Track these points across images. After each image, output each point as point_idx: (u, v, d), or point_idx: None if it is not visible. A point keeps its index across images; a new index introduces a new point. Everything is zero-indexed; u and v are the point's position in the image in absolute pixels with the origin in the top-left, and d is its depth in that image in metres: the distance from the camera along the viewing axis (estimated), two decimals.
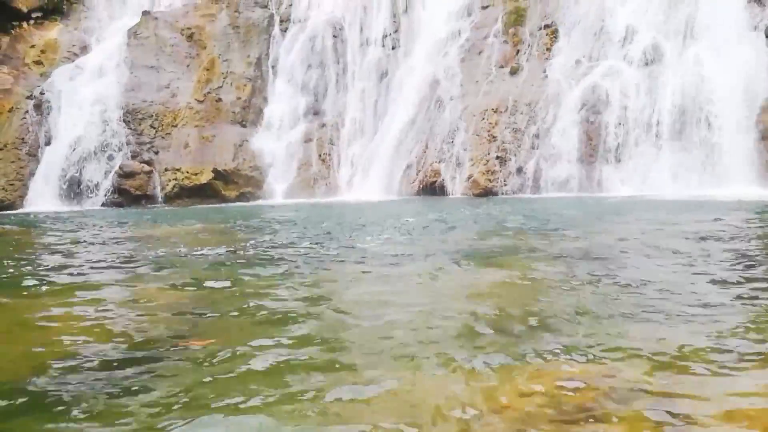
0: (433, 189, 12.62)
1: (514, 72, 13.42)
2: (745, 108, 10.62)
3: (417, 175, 13.01)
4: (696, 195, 9.46)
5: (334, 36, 15.25)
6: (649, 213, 6.94)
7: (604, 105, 11.68)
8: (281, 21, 15.95)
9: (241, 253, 4.40)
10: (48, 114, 13.33)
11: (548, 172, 11.73)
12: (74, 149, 12.88)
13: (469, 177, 12.36)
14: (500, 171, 12.18)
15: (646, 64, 11.88)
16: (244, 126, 14.31)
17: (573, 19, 13.32)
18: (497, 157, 12.32)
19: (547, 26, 13.64)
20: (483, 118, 12.91)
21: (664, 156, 10.96)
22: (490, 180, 12.14)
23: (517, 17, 14.14)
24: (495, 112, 12.86)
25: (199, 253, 4.44)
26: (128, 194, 12.75)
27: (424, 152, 13.20)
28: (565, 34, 13.31)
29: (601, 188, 11.29)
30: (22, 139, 13.20)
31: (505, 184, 12.04)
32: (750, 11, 11.45)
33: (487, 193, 12.02)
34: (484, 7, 15.13)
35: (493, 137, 12.56)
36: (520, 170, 12.06)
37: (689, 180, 10.55)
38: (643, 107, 11.37)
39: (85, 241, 5.66)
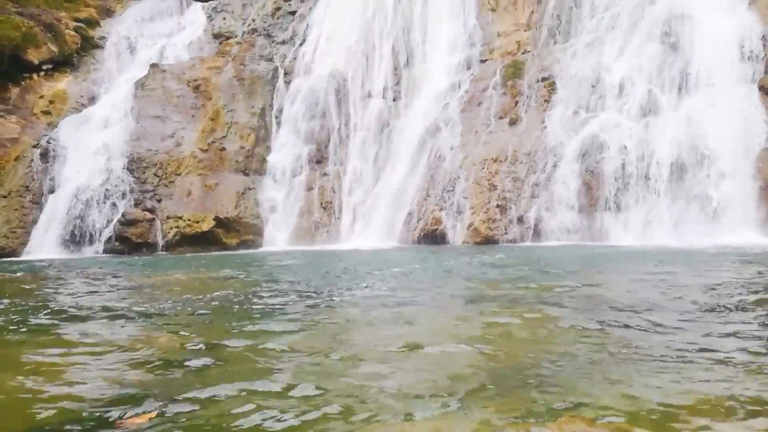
0: (434, 237, 12.62)
1: (513, 123, 13.66)
2: (743, 158, 10.75)
3: (418, 223, 13.04)
4: (697, 244, 9.45)
5: (337, 88, 15.62)
6: (650, 263, 6.92)
7: (602, 155, 11.82)
8: (285, 73, 16.39)
9: (241, 300, 4.36)
10: (53, 162, 13.52)
11: (549, 221, 11.76)
12: (78, 197, 12.99)
13: (470, 225, 12.37)
14: (501, 219, 12.21)
15: (643, 115, 12.11)
16: (247, 174, 14.46)
17: (569, 73, 13.67)
18: (498, 206, 12.37)
19: (544, 79, 13.98)
20: (483, 167, 13.05)
21: (664, 205, 11.01)
22: (490, 228, 12.16)
23: (515, 70, 14.52)
24: (495, 161, 13.01)
25: (198, 301, 4.40)
26: (129, 242, 12.76)
27: (425, 200, 13.27)
28: (562, 87, 13.63)
29: (602, 237, 11.29)
30: (27, 187, 13.33)
31: (506, 233, 12.04)
32: (742, 65, 11.76)
33: (488, 241, 12.01)
34: (483, 61, 15.57)
35: (494, 186, 12.66)
36: (520, 219, 12.09)
37: (690, 229, 10.56)
38: (641, 158, 11.51)
39: (80, 290, 5.62)
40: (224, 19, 18.61)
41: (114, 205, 13.07)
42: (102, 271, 7.78)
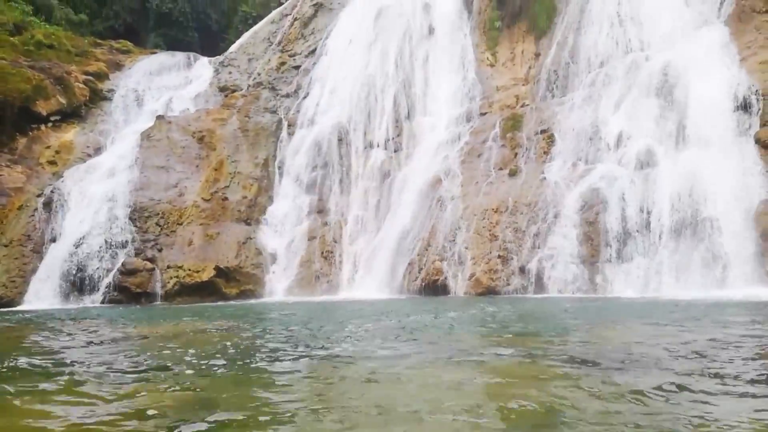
0: (435, 287, 12.53)
1: (513, 174, 13.80)
2: (743, 210, 10.79)
3: (419, 273, 12.98)
4: (699, 296, 9.37)
5: (339, 139, 15.88)
6: (654, 315, 6.84)
7: (603, 207, 11.89)
8: (289, 125, 16.71)
9: (235, 355, 4.29)
10: (56, 212, 13.60)
11: (551, 272, 11.70)
12: (79, 246, 13.00)
13: (472, 275, 12.31)
14: (502, 270, 12.15)
15: (641, 167, 12.25)
16: (248, 224, 14.51)
17: (568, 126, 13.93)
18: (499, 256, 12.34)
19: (543, 131, 14.22)
20: (484, 218, 13.09)
21: (665, 257, 10.98)
22: (492, 279, 12.09)
23: (514, 123, 14.79)
24: (495, 211, 13.07)
25: (197, 353, 4.33)
26: (128, 292, 12.69)
27: (426, 250, 13.25)
28: (560, 139, 13.85)
29: (605, 289, 11.21)
30: (28, 236, 13.36)
31: (508, 284, 11.96)
32: (737, 118, 11.98)
33: (489, 292, 11.92)
34: (483, 114, 15.88)
35: (495, 236, 12.67)
36: (522, 270, 12.04)
37: (692, 281, 10.50)
38: (641, 210, 11.57)
39: (71, 342, 5.55)
40: (230, 73, 19.13)
41: (115, 254, 13.07)
42: (97, 322, 7.70)
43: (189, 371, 3.66)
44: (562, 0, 17.63)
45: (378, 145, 15.97)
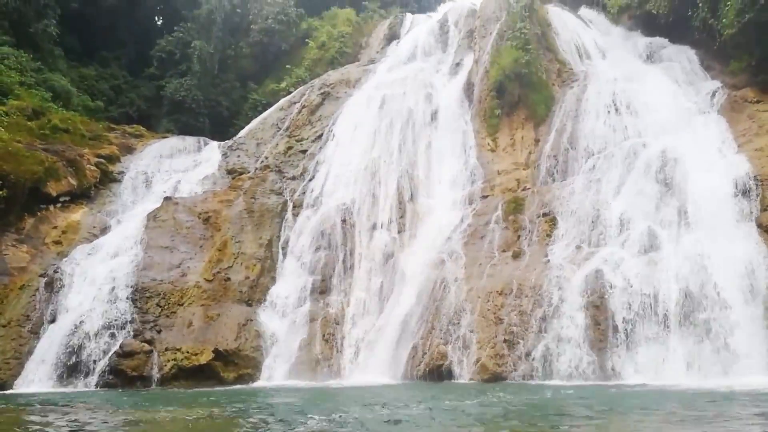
0: (439, 373, 12.17)
1: (516, 256, 13.78)
2: (750, 296, 10.67)
3: (423, 357, 12.64)
4: (712, 385, 9.08)
5: (343, 220, 16.02)
6: (667, 406, 6.57)
7: (608, 290, 11.76)
8: (294, 206, 16.94)
9: None
10: (58, 292, 13.52)
11: (558, 358, 11.39)
12: (77, 328, 12.80)
13: (477, 361, 11.98)
14: (509, 355, 11.83)
15: (645, 251, 12.24)
16: (250, 305, 14.35)
17: (569, 209, 14.07)
18: (505, 341, 12.07)
19: (545, 214, 14.35)
20: (488, 300, 12.92)
21: (675, 344, 10.73)
22: (498, 365, 11.74)
23: (516, 206, 14.97)
24: (500, 294, 12.92)
25: None
26: (124, 375, 12.34)
27: (430, 333, 12.99)
28: (563, 222, 13.94)
29: (614, 376, 10.87)
30: (28, 316, 13.21)
31: (515, 369, 11.61)
32: (738, 203, 12.13)
33: (496, 378, 11.55)
34: (484, 197, 16.12)
35: (500, 320, 12.45)
36: (528, 355, 11.73)
37: (703, 369, 10.20)
38: (647, 294, 11.43)
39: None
40: (238, 156, 19.66)
41: (113, 335, 12.83)
42: (84, 406, 7.43)
43: None
44: (559, 90, 18.40)
45: (381, 227, 16.08)
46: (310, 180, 17.80)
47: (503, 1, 21.25)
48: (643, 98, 16.74)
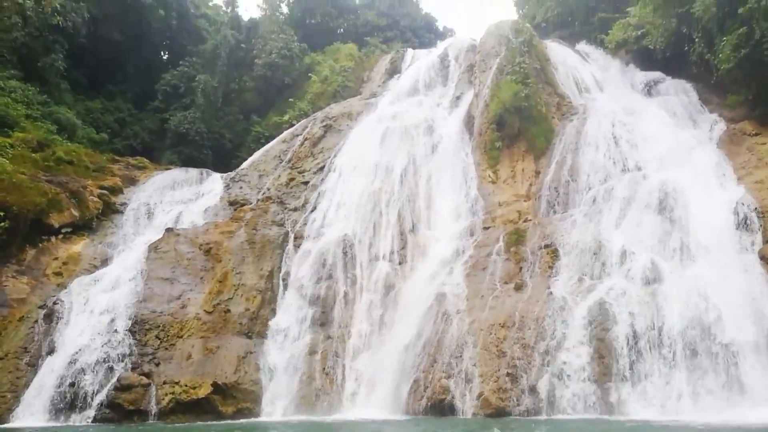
0: (441, 407, 11.95)
1: (518, 288, 13.69)
2: (755, 328, 10.58)
3: (424, 391, 12.44)
4: (720, 420, 8.92)
5: (345, 251, 15.99)
6: None
7: (612, 323, 11.65)
8: (296, 238, 16.93)
9: None
10: (57, 324, 13.42)
11: (562, 392, 11.20)
12: (75, 360, 12.65)
13: (480, 395, 11.78)
14: (512, 389, 11.64)
15: (648, 283, 12.18)
16: (249, 337, 14.20)
17: (571, 241, 14.05)
18: (508, 374, 11.89)
19: (546, 246, 14.32)
20: (491, 333, 12.79)
21: (680, 377, 10.58)
22: (502, 399, 11.54)
23: (517, 237, 14.95)
24: (503, 326, 12.79)
25: None
26: (121, 409, 12.14)
27: (432, 366, 12.81)
28: (564, 254, 13.90)
29: (620, 410, 10.66)
30: (26, 348, 13.08)
31: (518, 404, 11.40)
32: (739, 236, 12.13)
33: (499, 413, 11.33)
34: (486, 228, 16.11)
35: (503, 353, 12.30)
36: (532, 389, 11.53)
37: (710, 403, 10.04)
38: (651, 326, 11.33)
39: None
40: (241, 188, 19.78)
41: (111, 368, 12.66)
42: None
43: None
44: (558, 123, 18.62)
45: (383, 258, 16.03)
46: (312, 211, 17.84)
47: (502, 36, 21.71)
48: (643, 131, 16.93)
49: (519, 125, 18.15)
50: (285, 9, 38.22)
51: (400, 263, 15.92)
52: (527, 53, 20.08)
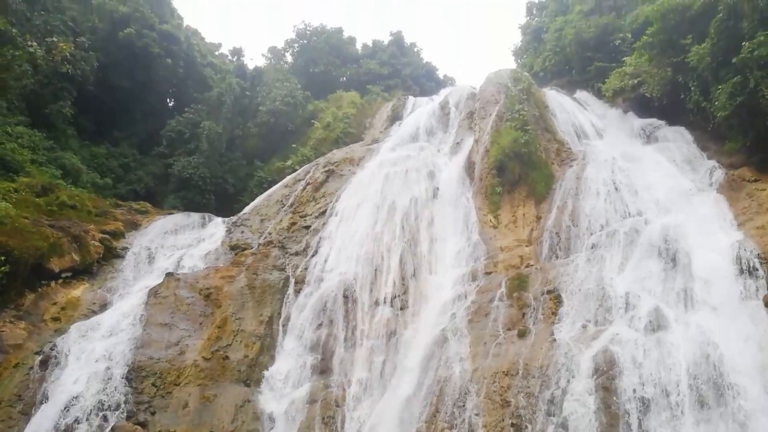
0: None
1: (522, 335, 13.49)
2: (764, 377, 10.36)
3: None
4: None
5: (345, 296, 15.87)
6: None
7: (618, 371, 11.40)
8: (296, 282, 16.84)
9: None
10: (52, 370, 13.17)
11: None
12: (68, 409, 12.34)
13: None
14: None
15: (653, 330, 12.01)
16: (248, 385, 13.92)
17: (574, 286, 13.94)
18: (512, 425, 11.59)
19: (549, 292, 14.19)
20: (494, 381, 12.53)
21: (689, 429, 10.28)
22: None
23: (520, 283, 14.83)
24: (506, 375, 12.54)
25: None
26: None
27: (434, 417, 12.50)
28: (568, 300, 13.76)
29: None
30: (19, 396, 12.78)
31: None
32: (743, 282, 12.04)
33: None
34: (488, 273, 16.02)
35: (507, 402, 12.02)
36: None
37: None
38: (658, 375, 11.10)
39: None
40: (242, 232, 19.81)
41: (105, 418, 12.33)
42: None
43: None
44: (558, 168, 18.79)
45: (384, 303, 15.88)
46: (313, 255, 17.80)
47: (502, 85, 22.19)
48: (642, 177, 17.06)
49: (519, 171, 18.32)
50: (289, 58, 39.32)
51: (401, 308, 15.76)
52: (526, 100, 20.48)
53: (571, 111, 22.58)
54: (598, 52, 26.70)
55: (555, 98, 23.05)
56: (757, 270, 12.20)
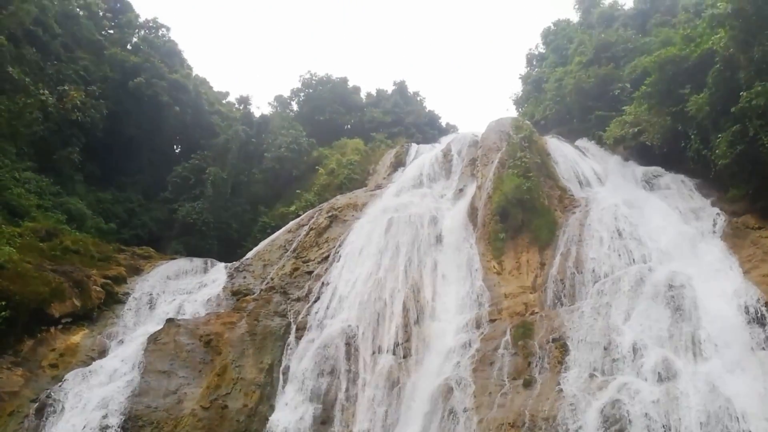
0: None
1: (527, 384, 13.19)
2: None
3: None
4: None
5: (347, 344, 15.61)
6: None
7: (626, 423, 11.09)
8: (298, 329, 16.60)
9: None
10: (47, 419, 12.88)
11: None
12: None
13: None
14: None
15: (661, 381, 11.74)
16: None
17: (579, 335, 13.71)
18: None
19: (555, 340, 13.96)
20: None
21: None
22: None
23: (525, 331, 14.61)
24: (512, 426, 12.21)
25: None
26: None
27: None
28: (574, 348, 13.52)
29: None
30: None
31: None
32: (751, 330, 11.85)
33: None
34: (492, 320, 15.81)
35: None
36: None
37: None
38: (668, 427, 10.78)
39: None
40: (244, 277, 19.70)
41: None
42: None
43: None
44: (561, 215, 18.81)
45: (387, 351, 15.61)
46: (315, 301, 17.63)
47: (503, 133, 22.51)
48: (646, 223, 17.04)
49: (522, 217, 18.34)
50: (295, 107, 40.11)
51: (404, 356, 15.47)
52: (528, 148, 20.70)
53: (573, 158, 22.78)
54: (598, 101, 27.18)
55: (556, 146, 23.31)
56: (765, 318, 12.03)
